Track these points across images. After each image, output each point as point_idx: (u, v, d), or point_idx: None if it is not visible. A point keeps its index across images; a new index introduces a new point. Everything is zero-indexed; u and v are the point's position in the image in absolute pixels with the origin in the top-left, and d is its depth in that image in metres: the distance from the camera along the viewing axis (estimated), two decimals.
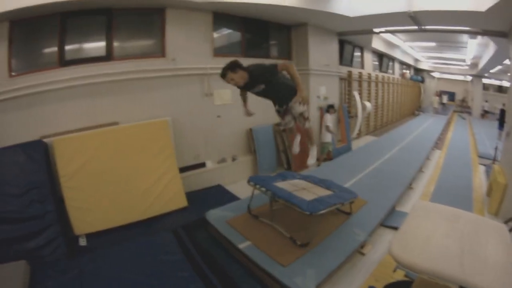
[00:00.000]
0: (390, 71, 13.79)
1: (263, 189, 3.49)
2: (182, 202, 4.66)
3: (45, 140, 4.33)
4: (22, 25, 4.49)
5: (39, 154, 4.13)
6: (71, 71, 4.57)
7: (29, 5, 4.08)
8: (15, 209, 4.03)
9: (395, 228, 3.70)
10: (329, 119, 6.69)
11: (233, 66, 2.79)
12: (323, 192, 3.57)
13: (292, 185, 3.70)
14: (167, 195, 4.58)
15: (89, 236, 4.08)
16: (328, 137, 6.74)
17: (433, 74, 21.77)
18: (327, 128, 6.64)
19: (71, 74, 4.54)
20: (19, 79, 4.44)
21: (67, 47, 4.69)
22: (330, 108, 6.78)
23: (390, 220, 4.11)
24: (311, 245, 3.18)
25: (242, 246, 3.26)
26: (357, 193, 3.89)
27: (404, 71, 16.51)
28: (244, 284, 2.92)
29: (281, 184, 3.69)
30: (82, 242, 4.03)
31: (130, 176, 4.46)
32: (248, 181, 3.72)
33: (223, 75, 2.83)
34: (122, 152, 4.46)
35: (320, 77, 7.00)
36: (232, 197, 4.90)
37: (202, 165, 5.44)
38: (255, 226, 3.57)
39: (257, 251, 3.15)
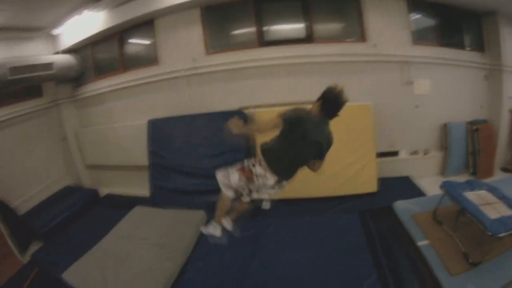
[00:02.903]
0: None
1: (453, 198, 3.51)
2: (372, 187, 4.69)
3: (244, 111, 4.85)
4: (215, 10, 5.13)
5: None
6: (271, 51, 5.00)
7: None
8: (206, 167, 4.67)
9: None
10: None
11: None
12: (504, 210, 3.31)
13: (478, 197, 3.55)
14: (360, 178, 4.67)
15: (272, 201, 4.37)
16: None
17: None
18: None
19: (271, 54, 4.98)
20: (215, 56, 5.19)
21: (265, 28, 5.11)
22: None
23: None
24: None
25: (420, 243, 3.43)
26: None
27: None
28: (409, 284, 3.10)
29: (469, 195, 3.59)
30: (266, 206, 4.28)
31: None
32: (441, 186, 3.72)
33: None
34: None
35: None
36: (418, 192, 4.69)
37: (395, 153, 5.36)
38: (436, 227, 3.65)
39: (432, 251, 3.28)
